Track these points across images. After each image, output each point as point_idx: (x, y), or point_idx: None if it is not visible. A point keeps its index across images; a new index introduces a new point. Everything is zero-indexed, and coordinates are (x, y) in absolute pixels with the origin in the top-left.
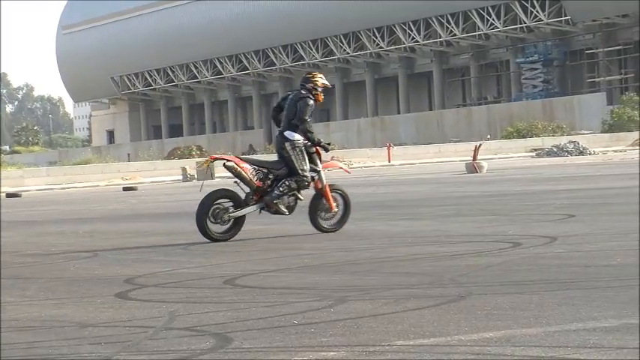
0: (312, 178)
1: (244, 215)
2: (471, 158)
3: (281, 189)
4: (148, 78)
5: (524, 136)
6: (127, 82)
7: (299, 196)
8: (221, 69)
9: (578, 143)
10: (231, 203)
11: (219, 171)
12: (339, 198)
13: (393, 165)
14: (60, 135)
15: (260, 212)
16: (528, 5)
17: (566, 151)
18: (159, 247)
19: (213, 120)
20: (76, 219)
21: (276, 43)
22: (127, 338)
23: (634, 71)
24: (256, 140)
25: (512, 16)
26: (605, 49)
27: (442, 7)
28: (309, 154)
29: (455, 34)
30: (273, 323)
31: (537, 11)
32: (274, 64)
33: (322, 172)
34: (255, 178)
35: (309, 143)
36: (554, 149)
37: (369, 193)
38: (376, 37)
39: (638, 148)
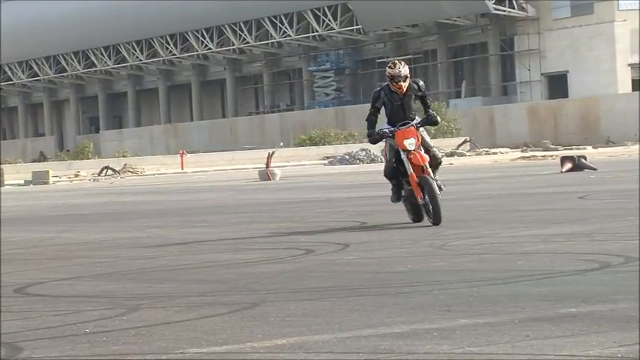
0: (394, 165)
1: None
2: (264, 166)
3: None
4: None
5: (316, 144)
6: None
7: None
8: (11, 75)
9: (369, 151)
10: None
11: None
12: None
13: (186, 172)
14: None
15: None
16: (320, 14)
17: (358, 159)
18: None
19: (3, 127)
20: None
21: (69, 49)
22: None
23: (424, 80)
24: (47, 147)
25: (304, 25)
26: (396, 58)
27: (235, 14)
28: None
29: (248, 42)
30: (64, 332)
31: (329, 20)
32: (66, 71)
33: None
34: None
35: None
36: (347, 157)
37: (162, 201)
38: (169, 45)
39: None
